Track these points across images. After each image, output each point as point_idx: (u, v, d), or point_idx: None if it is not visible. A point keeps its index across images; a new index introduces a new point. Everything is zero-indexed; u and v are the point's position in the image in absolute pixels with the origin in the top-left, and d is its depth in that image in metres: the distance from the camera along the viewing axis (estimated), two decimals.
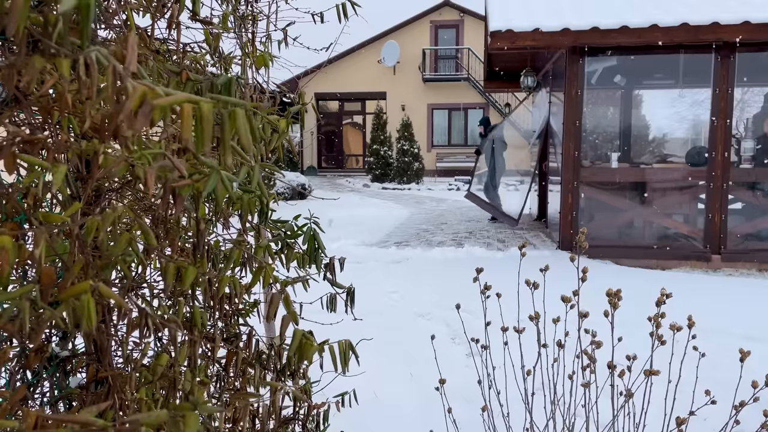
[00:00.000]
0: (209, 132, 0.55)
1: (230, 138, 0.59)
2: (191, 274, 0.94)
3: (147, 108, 0.50)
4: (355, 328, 1.66)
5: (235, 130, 0.59)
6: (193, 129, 0.55)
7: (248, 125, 0.60)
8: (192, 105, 0.54)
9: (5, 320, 0.63)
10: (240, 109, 0.59)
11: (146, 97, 0.50)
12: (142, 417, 0.53)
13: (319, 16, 1.67)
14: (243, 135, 0.59)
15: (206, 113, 0.55)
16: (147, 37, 1.05)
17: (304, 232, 1.29)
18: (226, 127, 0.59)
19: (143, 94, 0.51)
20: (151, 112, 0.50)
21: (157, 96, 0.51)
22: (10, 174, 0.79)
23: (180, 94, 0.53)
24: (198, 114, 0.55)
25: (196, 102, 0.54)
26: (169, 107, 0.52)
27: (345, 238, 7.12)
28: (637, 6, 6.06)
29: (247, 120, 0.60)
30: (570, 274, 1.66)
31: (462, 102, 20.59)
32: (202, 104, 0.54)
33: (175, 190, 0.64)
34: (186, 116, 0.53)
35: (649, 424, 1.66)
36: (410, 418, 2.55)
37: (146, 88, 0.50)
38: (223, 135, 0.59)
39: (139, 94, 0.50)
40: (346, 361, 1.16)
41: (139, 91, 0.50)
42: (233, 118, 0.59)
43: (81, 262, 0.75)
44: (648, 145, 7.99)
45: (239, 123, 0.59)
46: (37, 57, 0.56)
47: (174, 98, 0.52)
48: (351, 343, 1.18)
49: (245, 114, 0.60)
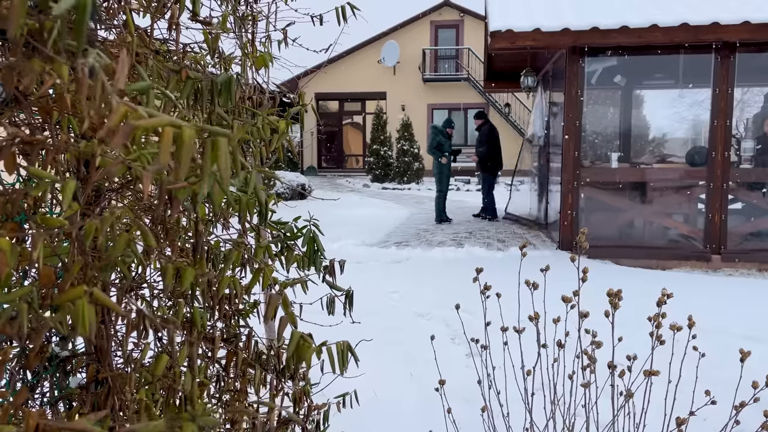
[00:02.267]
0: (188, 158, 0.54)
1: (211, 164, 0.59)
2: (190, 275, 0.94)
3: (127, 128, 0.50)
4: (356, 328, 1.66)
5: (215, 159, 0.59)
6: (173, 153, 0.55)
7: (228, 157, 0.59)
8: (173, 129, 0.53)
9: (4, 322, 0.63)
10: (222, 139, 0.59)
11: (127, 117, 0.50)
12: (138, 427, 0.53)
13: (318, 18, 1.67)
14: (222, 165, 0.59)
15: (187, 139, 0.54)
16: (147, 36, 1.05)
17: (304, 234, 1.29)
18: (206, 156, 0.59)
19: (124, 114, 0.51)
20: (130, 133, 0.50)
21: (139, 117, 0.51)
22: (10, 174, 0.79)
23: (163, 118, 0.53)
24: (179, 139, 0.54)
25: (178, 126, 0.54)
26: (151, 129, 0.52)
27: (345, 238, 7.12)
28: (637, 6, 6.06)
29: (229, 151, 0.60)
30: (570, 275, 1.66)
31: (462, 102, 20.58)
32: (184, 129, 0.54)
33: (171, 192, 0.64)
34: (166, 141, 0.53)
35: (649, 424, 1.66)
36: (410, 418, 2.55)
37: (128, 109, 0.51)
38: (204, 163, 0.59)
39: (121, 114, 0.50)
40: (344, 363, 1.16)
41: (121, 111, 0.50)
42: (216, 147, 0.59)
43: (80, 263, 0.75)
44: (648, 145, 7.99)
45: (220, 152, 0.59)
46: (35, 60, 0.56)
47: (155, 121, 0.52)
48: (349, 344, 1.18)
49: (227, 144, 0.59)
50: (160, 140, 0.53)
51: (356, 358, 1.21)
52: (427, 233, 8.04)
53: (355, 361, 1.21)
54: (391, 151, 18.13)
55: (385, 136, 18.13)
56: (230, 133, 0.59)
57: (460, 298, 2.22)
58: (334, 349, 1.15)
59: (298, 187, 12.64)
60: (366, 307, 3.68)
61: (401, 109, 20.47)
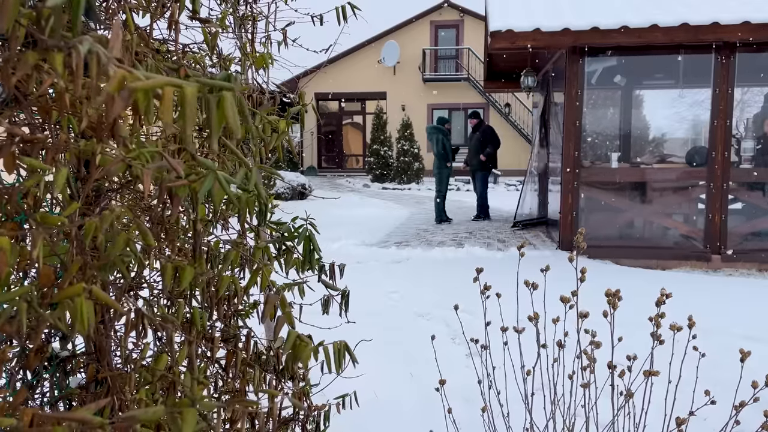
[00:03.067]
0: (192, 117, 0.53)
1: (219, 124, 0.57)
2: (188, 275, 0.94)
3: (126, 92, 0.49)
4: (356, 328, 1.66)
5: (223, 116, 0.56)
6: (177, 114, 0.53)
7: (235, 110, 0.57)
8: (174, 89, 0.52)
9: (3, 321, 0.63)
10: (228, 93, 0.56)
11: (125, 81, 0.49)
12: (139, 413, 0.53)
13: (318, 18, 1.67)
14: (231, 119, 0.56)
15: (189, 97, 0.52)
16: (146, 36, 1.05)
17: (300, 233, 1.29)
18: (213, 113, 0.56)
19: (122, 78, 0.49)
20: (130, 96, 0.49)
21: (137, 79, 0.50)
22: (10, 174, 0.79)
23: (161, 78, 0.51)
24: (180, 98, 0.52)
25: (179, 86, 0.52)
26: (150, 91, 0.50)
27: (345, 238, 7.12)
28: (637, 6, 6.06)
29: (235, 105, 0.57)
30: (570, 275, 1.66)
31: (462, 102, 20.58)
32: (185, 87, 0.52)
33: (171, 190, 0.63)
34: (166, 100, 0.51)
35: (649, 425, 1.66)
36: (410, 418, 2.55)
37: (125, 72, 0.49)
38: (210, 120, 0.56)
39: (119, 78, 0.49)
40: (340, 363, 1.16)
41: (118, 75, 0.49)
42: (221, 103, 0.56)
43: (79, 262, 0.75)
44: (648, 145, 7.99)
45: (227, 107, 0.56)
46: (30, 52, 0.56)
47: (154, 82, 0.50)
48: (346, 344, 1.18)
49: (232, 97, 0.57)
50: (160, 102, 0.51)
51: (353, 358, 1.21)
52: (427, 233, 8.03)
53: (352, 361, 1.21)
54: (391, 151, 18.12)
55: (385, 136, 18.13)
56: (234, 85, 0.57)
57: (460, 298, 2.23)
58: (331, 349, 1.14)
59: (298, 187, 12.63)
60: (366, 307, 3.68)
61: (401, 109, 20.47)
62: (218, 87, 0.57)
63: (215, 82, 0.57)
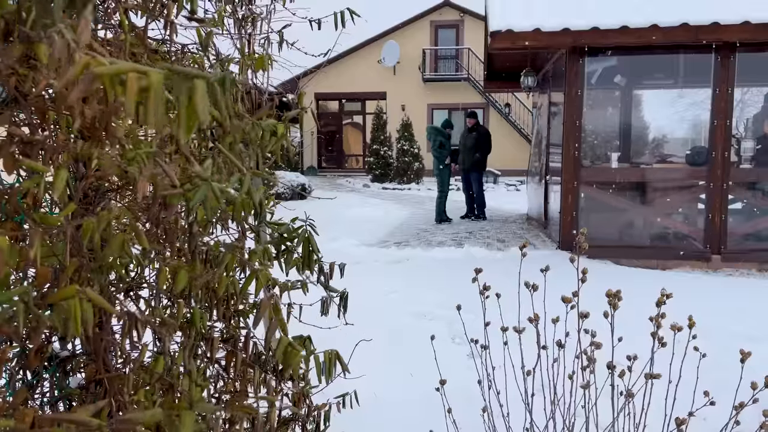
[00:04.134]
0: (160, 107, 0.49)
1: (189, 116, 0.52)
2: (183, 277, 0.94)
3: (88, 76, 0.47)
4: (356, 328, 1.66)
5: (193, 113, 0.52)
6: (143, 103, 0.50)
7: (206, 100, 0.52)
8: (139, 75, 0.49)
9: (1, 321, 0.63)
10: (200, 81, 0.52)
11: (89, 66, 0.48)
12: (136, 416, 0.53)
13: (316, 22, 1.67)
14: (201, 111, 0.52)
15: (155, 84, 0.49)
16: (142, 36, 1.04)
17: (299, 234, 1.29)
18: (181, 103, 0.52)
19: (86, 64, 0.48)
20: (92, 82, 0.47)
21: (100, 65, 0.48)
22: (9, 174, 0.79)
23: (125, 64, 0.49)
24: (147, 86, 0.49)
25: (144, 72, 0.49)
26: (115, 76, 0.48)
27: (345, 238, 7.12)
28: (637, 6, 6.05)
29: (206, 95, 0.53)
30: (570, 275, 1.66)
31: (462, 102, 20.56)
32: (151, 74, 0.49)
33: (165, 198, 0.63)
34: (131, 89, 0.48)
35: (649, 425, 1.66)
36: (410, 418, 2.55)
37: (90, 58, 0.48)
38: (179, 111, 0.52)
39: (83, 64, 0.48)
40: (330, 372, 1.15)
41: (82, 61, 0.48)
42: (192, 92, 0.51)
43: (75, 263, 0.75)
44: (648, 145, 7.99)
45: (197, 97, 0.52)
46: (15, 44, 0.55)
47: (116, 68, 0.48)
48: (337, 352, 1.18)
49: (204, 86, 0.52)
50: (125, 90, 0.49)
51: (344, 367, 1.20)
52: (427, 233, 8.03)
53: (343, 370, 1.21)
54: (391, 151, 18.12)
55: (385, 136, 18.12)
56: (208, 74, 0.54)
57: (460, 298, 2.22)
58: (322, 357, 1.14)
59: (298, 188, 12.63)
60: (366, 307, 3.67)
61: (401, 109, 20.46)
62: (191, 75, 0.53)
63: (186, 70, 0.54)
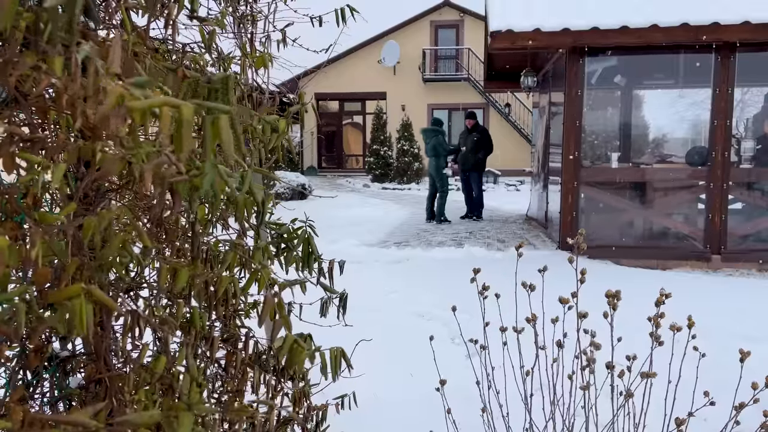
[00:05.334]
0: (189, 136, 0.53)
1: (213, 143, 0.57)
2: (183, 276, 0.94)
3: (122, 110, 0.49)
4: (355, 328, 1.65)
5: (217, 136, 0.57)
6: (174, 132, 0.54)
7: (231, 132, 0.58)
8: (171, 108, 0.52)
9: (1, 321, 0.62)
10: (224, 116, 0.57)
11: (123, 100, 0.49)
12: (134, 417, 0.53)
13: (317, 19, 1.67)
14: (225, 142, 0.57)
15: (186, 117, 0.53)
16: (144, 35, 1.04)
17: (299, 235, 1.29)
18: (207, 133, 0.57)
19: (120, 96, 0.50)
20: (125, 115, 0.49)
21: (134, 99, 0.50)
22: (9, 173, 0.79)
23: (158, 98, 0.51)
24: (178, 118, 0.53)
25: (176, 106, 0.52)
26: (148, 110, 0.51)
27: (345, 238, 7.12)
28: (637, 6, 6.05)
29: (230, 127, 0.58)
30: (570, 274, 1.66)
31: (462, 102, 20.56)
32: (183, 108, 0.53)
33: (172, 186, 0.63)
34: (164, 120, 0.51)
35: (649, 425, 1.66)
36: (410, 419, 2.55)
37: (123, 90, 0.49)
38: (205, 139, 0.57)
39: (116, 96, 0.49)
40: (336, 369, 1.16)
41: (116, 93, 0.49)
42: (216, 125, 0.57)
43: (76, 263, 0.75)
44: (648, 145, 7.99)
45: (222, 130, 0.57)
46: (28, 53, 0.56)
47: (151, 102, 0.51)
48: (343, 350, 1.18)
49: (229, 120, 0.58)
50: (159, 122, 0.52)
51: (349, 364, 1.21)
52: (427, 233, 8.03)
53: (348, 367, 1.21)
54: (391, 151, 18.12)
55: (385, 136, 18.13)
56: (231, 109, 0.58)
57: (460, 298, 2.22)
58: (328, 354, 1.14)
59: (299, 187, 12.63)
60: (366, 307, 3.67)
61: (401, 109, 20.46)
62: (216, 109, 0.58)
63: (212, 105, 0.58)
